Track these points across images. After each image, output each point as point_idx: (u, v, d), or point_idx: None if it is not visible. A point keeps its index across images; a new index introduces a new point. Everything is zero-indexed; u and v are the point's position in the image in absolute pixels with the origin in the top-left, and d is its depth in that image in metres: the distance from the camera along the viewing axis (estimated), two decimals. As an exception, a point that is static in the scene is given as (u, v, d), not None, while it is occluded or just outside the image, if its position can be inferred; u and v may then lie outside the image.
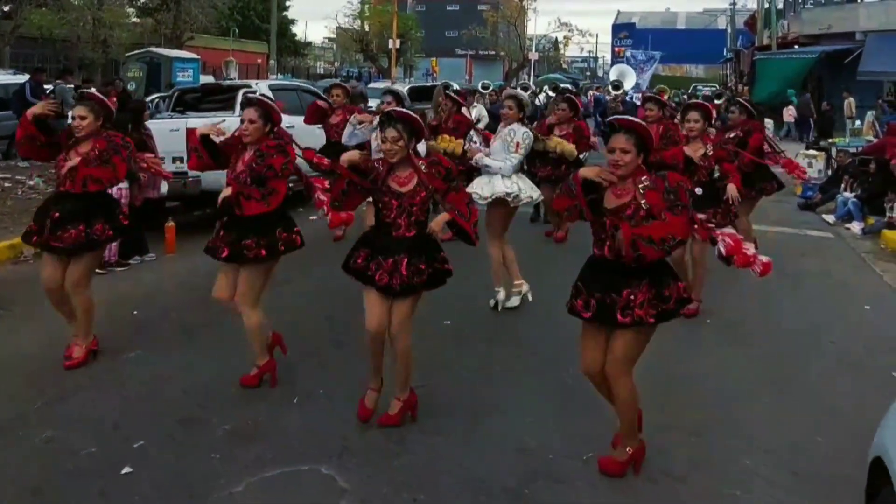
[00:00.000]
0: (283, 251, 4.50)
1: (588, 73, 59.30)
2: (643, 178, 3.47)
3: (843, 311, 6.35)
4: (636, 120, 3.64)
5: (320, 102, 9.07)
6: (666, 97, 12.50)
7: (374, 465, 3.74)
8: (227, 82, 12.89)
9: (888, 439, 2.62)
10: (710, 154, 5.86)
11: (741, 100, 8.90)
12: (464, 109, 8.64)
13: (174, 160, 8.63)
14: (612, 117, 3.79)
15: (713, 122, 7.21)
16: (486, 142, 6.22)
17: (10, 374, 4.80)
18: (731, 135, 7.23)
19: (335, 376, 4.75)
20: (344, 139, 7.39)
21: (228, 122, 9.31)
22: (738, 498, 3.53)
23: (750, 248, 3.74)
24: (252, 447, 3.85)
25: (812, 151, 13.40)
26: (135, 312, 5.90)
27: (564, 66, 59.67)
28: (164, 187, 8.27)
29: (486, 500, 3.48)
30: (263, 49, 34.59)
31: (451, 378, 4.79)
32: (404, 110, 4.21)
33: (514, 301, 6.12)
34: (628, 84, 21.06)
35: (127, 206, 6.67)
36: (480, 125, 8.51)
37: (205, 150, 4.48)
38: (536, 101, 14.94)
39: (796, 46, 27.38)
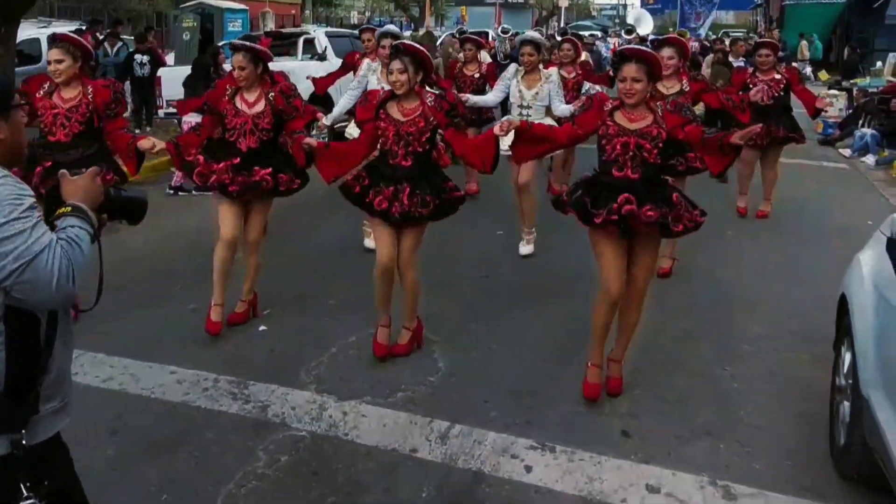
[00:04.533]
0: None
1: (617, 21, 58.59)
2: (658, 104, 3.72)
3: (848, 224, 7.16)
4: (646, 49, 3.85)
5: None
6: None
7: (457, 326, 4.76)
8: (288, 30, 13.72)
9: (849, 279, 3.54)
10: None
11: (769, 39, 9.03)
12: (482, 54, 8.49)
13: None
14: (621, 48, 4.03)
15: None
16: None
17: (140, 266, 5.87)
18: (777, 76, 7.14)
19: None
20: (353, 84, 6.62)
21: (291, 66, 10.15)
22: (753, 352, 4.48)
23: None
24: (356, 314, 4.86)
25: (834, 91, 13.97)
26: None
27: (594, 13, 59.28)
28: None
29: (549, 347, 4.50)
30: (297, 0, 35.20)
31: (507, 270, 5.81)
32: (412, 43, 4.30)
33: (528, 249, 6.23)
34: (644, 30, 21.13)
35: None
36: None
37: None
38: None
39: (826, -9, 27.39)
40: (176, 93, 10.60)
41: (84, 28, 13.20)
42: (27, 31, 12.73)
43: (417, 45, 4.20)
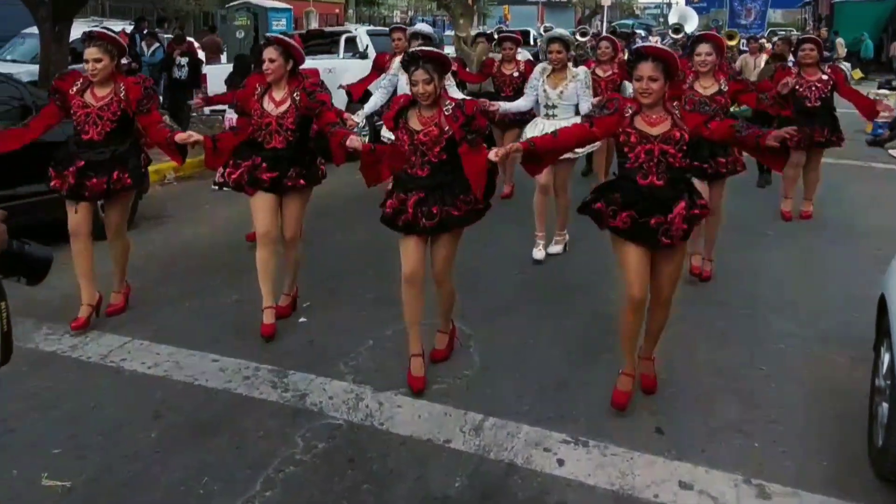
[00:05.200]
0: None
1: (661, 20, 57.87)
2: (675, 104, 3.61)
3: (894, 225, 7.02)
4: (662, 47, 3.71)
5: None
6: (734, 42, 12.81)
7: (493, 322, 4.83)
8: (330, 28, 13.90)
9: (889, 280, 3.49)
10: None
11: (814, 35, 8.64)
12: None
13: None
14: (637, 45, 3.87)
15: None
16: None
17: (186, 259, 6.04)
18: (824, 77, 6.92)
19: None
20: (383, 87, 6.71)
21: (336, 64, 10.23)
22: (787, 352, 4.45)
23: None
24: (393, 308, 4.85)
25: (884, 91, 13.65)
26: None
27: (637, 12, 58.68)
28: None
29: (582, 343, 4.52)
30: (340, -1, 35.62)
31: (542, 267, 5.87)
32: (430, 48, 4.02)
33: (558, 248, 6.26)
34: (690, 27, 20.64)
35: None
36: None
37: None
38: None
39: (878, -12, 26.74)
40: (220, 90, 10.83)
41: (128, 30, 13.46)
42: (80, 29, 13.11)
43: (437, 50, 4.01)
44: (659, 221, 3.49)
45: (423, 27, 6.89)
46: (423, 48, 4.04)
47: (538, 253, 6.05)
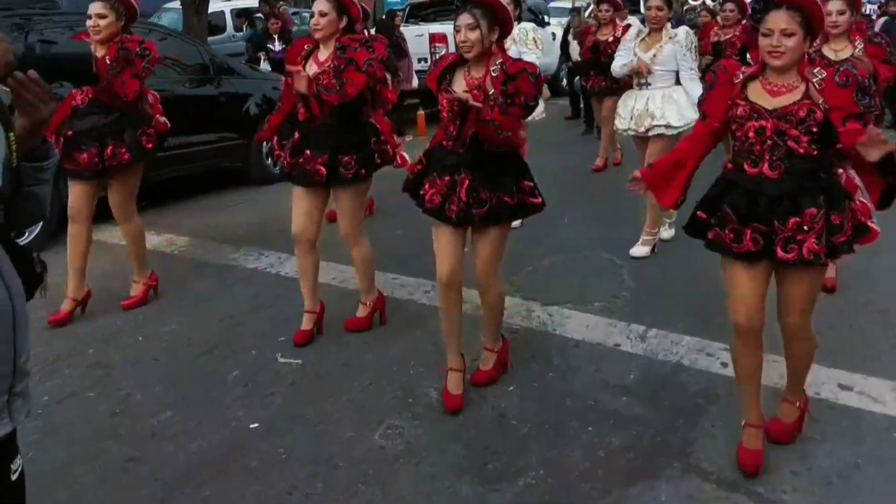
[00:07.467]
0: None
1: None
2: (817, 70, 2.67)
3: None
4: None
5: None
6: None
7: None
8: (454, -5, 14.29)
9: None
10: None
11: None
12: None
13: (419, 60, 10.28)
14: None
15: None
16: None
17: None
18: None
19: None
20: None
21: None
22: None
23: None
24: (548, 239, 5.32)
25: None
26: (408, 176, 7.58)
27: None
28: (415, 81, 9.93)
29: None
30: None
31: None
32: None
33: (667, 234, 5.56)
34: None
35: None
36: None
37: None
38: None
39: None
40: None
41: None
42: (213, 4, 14.01)
43: None
44: (778, 229, 2.65)
45: None
46: None
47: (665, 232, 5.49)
